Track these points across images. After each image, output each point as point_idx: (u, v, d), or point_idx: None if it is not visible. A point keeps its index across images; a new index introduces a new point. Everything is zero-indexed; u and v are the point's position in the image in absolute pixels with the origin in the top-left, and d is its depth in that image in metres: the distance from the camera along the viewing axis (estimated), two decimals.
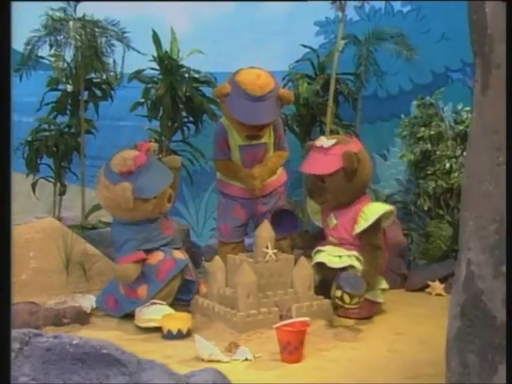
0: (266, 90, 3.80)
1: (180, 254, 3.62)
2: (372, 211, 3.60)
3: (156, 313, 3.39)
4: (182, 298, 3.63)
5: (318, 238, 3.80)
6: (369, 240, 3.58)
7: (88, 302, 3.64)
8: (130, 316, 3.51)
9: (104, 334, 3.26)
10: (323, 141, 3.71)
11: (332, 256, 3.56)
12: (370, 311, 3.60)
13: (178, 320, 3.32)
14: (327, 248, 3.62)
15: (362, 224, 3.58)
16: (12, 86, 2.29)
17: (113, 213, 3.63)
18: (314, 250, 3.67)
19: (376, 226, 3.59)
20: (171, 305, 3.53)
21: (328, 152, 3.63)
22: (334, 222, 3.69)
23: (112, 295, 3.61)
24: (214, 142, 4.07)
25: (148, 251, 3.56)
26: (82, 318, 3.48)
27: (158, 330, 3.35)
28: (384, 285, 3.67)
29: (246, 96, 3.79)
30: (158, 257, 3.54)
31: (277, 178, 4.09)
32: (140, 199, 3.48)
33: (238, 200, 4.05)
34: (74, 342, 2.07)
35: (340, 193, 3.64)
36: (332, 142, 3.67)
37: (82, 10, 4.78)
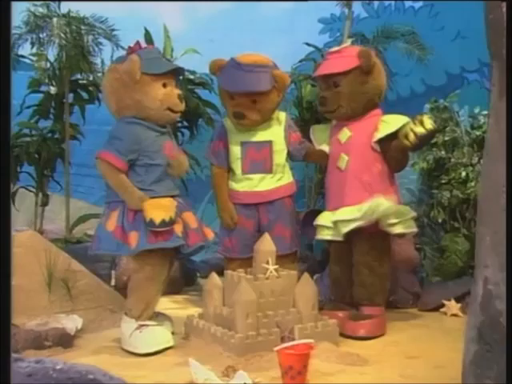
0: (258, 62, 3.91)
1: (179, 228, 3.44)
2: (395, 119, 3.78)
3: (152, 337, 3.37)
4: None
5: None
6: (393, 143, 3.73)
7: (72, 322, 3.61)
8: (117, 339, 3.50)
9: (90, 357, 3.25)
10: (335, 47, 3.97)
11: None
12: (383, 328, 3.66)
13: (162, 209, 3.36)
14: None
15: (386, 130, 3.74)
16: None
17: (117, 101, 3.52)
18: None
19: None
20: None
21: (342, 53, 3.85)
22: (348, 133, 3.79)
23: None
24: (210, 142, 4.09)
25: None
26: (65, 340, 3.47)
27: (148, 353, 3.35)
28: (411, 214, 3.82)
29: (237, 66, 3.91)
30: None
31: (283, 186, 4.03)
32: (147, 75, 3.47)
33: (241, 206, 3.99)
34: (58, 367, 2.07)
35: (355, 97, 3.75)
36: (346, 43, 4.01)
37: (67, 5, 4.81)
